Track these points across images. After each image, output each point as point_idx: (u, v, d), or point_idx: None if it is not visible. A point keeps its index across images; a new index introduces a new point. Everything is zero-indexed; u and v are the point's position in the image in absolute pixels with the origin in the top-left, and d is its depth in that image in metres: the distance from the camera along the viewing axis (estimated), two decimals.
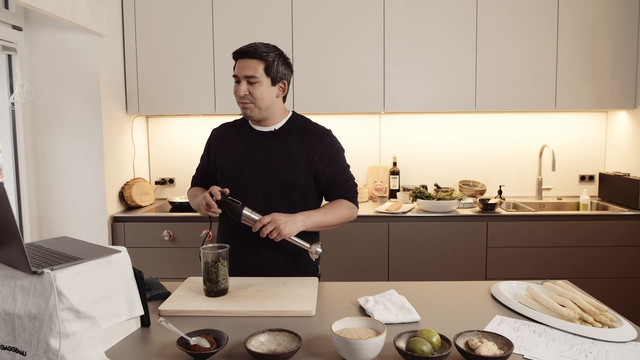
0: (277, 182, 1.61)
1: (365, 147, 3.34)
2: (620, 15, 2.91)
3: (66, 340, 0.99)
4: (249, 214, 1.49)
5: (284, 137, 1.65)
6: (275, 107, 1.64)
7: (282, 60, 1.61)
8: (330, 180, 1.66)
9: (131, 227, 2.79)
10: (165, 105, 3.02)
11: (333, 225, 1.63)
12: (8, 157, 2.55)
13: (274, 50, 1.60)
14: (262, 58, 1.55)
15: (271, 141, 1.65)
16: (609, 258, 2.74)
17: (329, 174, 1.65)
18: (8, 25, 2.49)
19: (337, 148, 1.69)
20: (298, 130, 1.66)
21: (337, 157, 1.68)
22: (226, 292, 1.44)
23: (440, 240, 2.76)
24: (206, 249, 1.43)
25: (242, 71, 1.56)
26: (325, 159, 1.64)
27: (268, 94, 1.59)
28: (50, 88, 2.67)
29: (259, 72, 1.55)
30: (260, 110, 1.60)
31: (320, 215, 1.58)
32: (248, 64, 1.55)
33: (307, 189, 1.65)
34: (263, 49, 1.57)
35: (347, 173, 1.70)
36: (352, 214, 1.68)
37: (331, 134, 1.70)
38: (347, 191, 1.68)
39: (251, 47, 1.56)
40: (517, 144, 3.31)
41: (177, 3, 2.96)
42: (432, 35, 2.94)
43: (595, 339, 1.16)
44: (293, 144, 1.63)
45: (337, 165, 1.67)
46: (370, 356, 1.05)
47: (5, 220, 1.01)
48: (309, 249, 1.53)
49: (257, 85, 1.56)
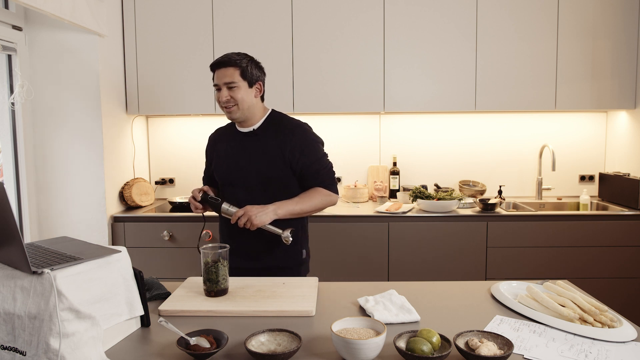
0: (258, 178, 1.77)
1: (365, 147, 3.34)
2: (620, 15, 2.91)
3: (66, 340, 0.99)
4: (227, 207, 1.71)
5: (262, 135, 1.80)
6: (255, 107, 1.80)
7: (254, 64, 1.78)
8: (305, 170, 1.78)
9: (131, 227, 2.79)
10: (165, 105, 3.02)
11: (307, 212, 1.77)
12: (8, 157, 2.55)
13: (245, 57, 1.77)
14: (237, 65, 1.72)
15: (252, 140, 1.81)
16: (609, 258, 2.74)
17: (303, 165, 1.77)
18: (8, 25, 2.49)
19: (310, 139, 1.81)
20: (274, 127, 1.81)
21: (310, 148, 1.79)
22: (226, 292, 1.44)
23: (440, 240, 2.76)
24: (206, 249, 1.43)
25: (221, 79, 1.73)
26: (297, 151, 1.76)
27: (247, 96, 1.75)
28: (50, 88, 2.67)
29: (236, 78, 1.72)
30: (242, 111, 1.76)
31: (293, 204, 1.73)
32: (225, 72, 1.72)
33: (288, 180, 1.79)
34: (236, 57, 1.74)
35: (321, 162, 1.80)
36: (328, 200, 1.79)
37: (304, 126, 1.82)
38: (322, 179, 1.79)
39: (225, 57, 1.74)
40: (517, 144, 3.31)
41: (177, 3, 2.96)
42: (432, 35, 2.94)
43: (595, 339, 1.16)
44: (270, 140, 1.78)
45: (311, 156, 1.78)
46: (370, 356, 1.05)
47: (5, 220, 1.01)
48: (282, 234, 1.68)
49: (236, 89, 1.72)
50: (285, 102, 2.97)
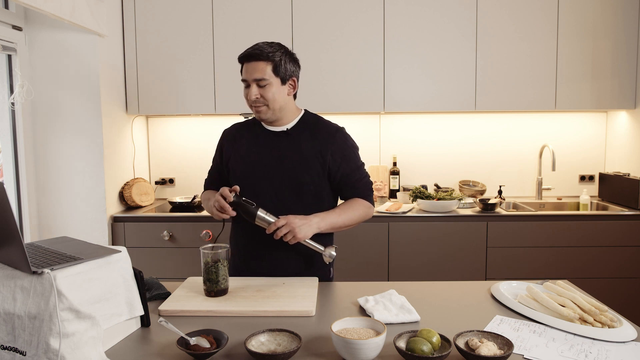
0: (289, 182, 1.59)
1: (365, 147, 3.34)
2: (620, 15, 2.91)
3: (66, 340, 0.99)
4: (263, 215, 1.47)
5: (296, 136, 1.62)
6: (288, 106, 1.62)
7: (289, 57, 1.58)
8: (345, 178, 1.62)
9: (131, 227, 2.79)
10: (165, 105, 3.02)
11: (348, 226, 1.60)
12: (8, 157, 2.55)
13: (279, 48, 1.56)
14: (269, 59, 1.52)
15: (283, 140, 1.62)
16: (609, 258, 2.74)
17: (343, 173, 1.62)
18: (8, 25, 2.49)
19: (351, 145, 1.66)
20: (310, 129, 1.63)
21: (351, 155, 1.64)
22: (226, 292, 1.44)
23: (440, 240, 2.75)
24: (206, 249, 1.43)
25: (250, 75, 1.53)
26: (338, 157, 1.60)
27: (279, 94, 1.56)
28: (50, 88, 2.67)
29: (267, 74, 1.52)
30: (274, 112, 1.58)
31: (335, 216, 1.56)
32: (256, 66, 1.52)
33: (320, 188, 1.62)
34: (268, 49, 1.53)
35: (361, 171, 1.66)
36: (367, 212, 1.64)
37: (344, 131, 1.67)
38: (361, 190, 1.65)
39: (256, 49, 1.53)
40: (517, 144, 3.31)
41: (177, 3, 2.96)
42: (432, 35, 2.94)
43: (595, 339, 1.16)
44: (305, 142, 1.60)
45: (351, 163, 1.63)
46: (370, 356, 1.05)
47: (5, 220, 1.01)
48: (323, 252, 1.51)
49: (267, 87, 1.53)
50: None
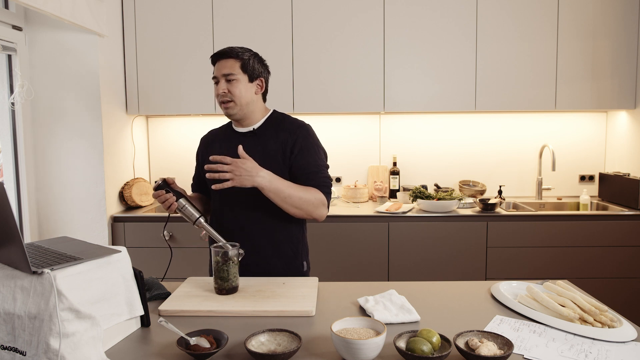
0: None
1: (365, 147, 3.34)
2: (620, 15, 2.91)
3: (66, 340, 0.99)
4: (184, 203, 1.56)
5: (262, 135, 1.69)
6: (255, 105, 1.69)
7: (257, 59, 1.69)
8: (301, 170, 1.63)
9: (131, 227, 2.79)
10: (165, 105, 3.02)
11: (292, 204, 1.56)
12: (8, 157, 2.55)
13: (248, 50, 1.68)
14: (238, 57, 1.64)
15: (250, 141, 1.68)
16: (609, 258, 2.74)
17: (300, 164, 1.63)
18: (8, 25, 2.49)
19: (312, 142, 1.68)
20: (275, 126, 1.70)
21: (311, 149, 1.66)
22: (236, 290, 1.45)
23: (440, 240, 2.75)
24: (217, 247, 1.44)
25: (219, 71, 1.64)
26: (296, 149, 1.64)
27: (246, 91, 1.65)
28: (50, 88, 2.67)
29: (235, 70, 1.63)
30: (241, 108, 1.65)
31: (285, 186, 1.54)
32: (225, 63, 1.64)
33: None
34: (238, 49, 1.65)
35: (319, 168, 1.65)
36: (317, 204, 1.59)
37: (308, 128, 1.71)
38: (318, 183, 1.62)
39: (227, 48, 1.65)
40: (517, 144, 3.31)
41: (177, 3, 2.96)
42: (432, 35, 2.94)
43: (595, 339, 1.16)
44: (270, 140, 1.67)
45: (309, 158, 1.64)
46: (370, 356, 1.05)
47: (5, 220, 1.01)
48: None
49: (235, 82, 1.63)
50: (285, 102, 2.97)
